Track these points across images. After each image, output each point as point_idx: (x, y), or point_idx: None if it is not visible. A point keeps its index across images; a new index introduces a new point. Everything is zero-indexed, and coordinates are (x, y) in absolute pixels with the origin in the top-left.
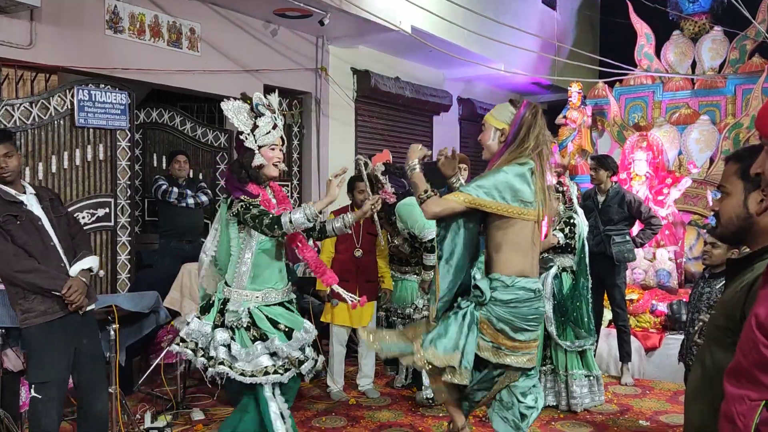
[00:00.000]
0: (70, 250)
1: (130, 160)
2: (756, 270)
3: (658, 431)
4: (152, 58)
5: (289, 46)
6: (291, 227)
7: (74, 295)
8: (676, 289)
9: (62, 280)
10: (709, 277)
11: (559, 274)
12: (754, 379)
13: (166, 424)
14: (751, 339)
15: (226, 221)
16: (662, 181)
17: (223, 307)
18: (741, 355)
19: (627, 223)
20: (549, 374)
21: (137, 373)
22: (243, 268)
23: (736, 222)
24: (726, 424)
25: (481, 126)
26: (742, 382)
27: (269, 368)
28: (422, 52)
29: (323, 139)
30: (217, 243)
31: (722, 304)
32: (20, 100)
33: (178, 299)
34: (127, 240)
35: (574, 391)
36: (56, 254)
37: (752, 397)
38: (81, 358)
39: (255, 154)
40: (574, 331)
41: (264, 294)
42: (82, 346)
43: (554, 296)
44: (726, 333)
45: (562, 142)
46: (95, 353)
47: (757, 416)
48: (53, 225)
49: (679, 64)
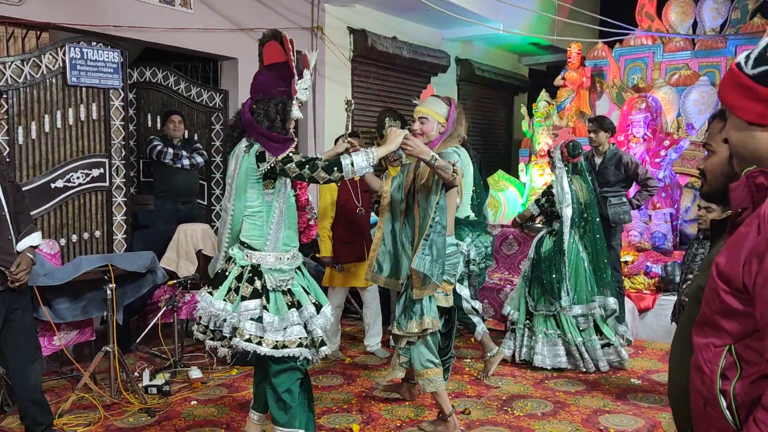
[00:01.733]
0: (15, 222)
1: (123, 120)
2: None
3: (650, 389)
4: (144, 15)
5: (284, 4)
6: (351, 171)
7: (21, 273)
8: (671, 251)
9: (11, 255)
10: (703, 238)
11: (545, 236)
12: (717, 326)
13: (165, 382)
14: (712, 288)
15: (247, 178)
16: (660, 143)
17: (253, 275)
18: (705, 305)
19: (624, 185)
20: (555, 337)
21: (135, 332)
22: (273, 227)
23: (721, 180)
24: (695, 373)
25: (421, 119)
26: (707, 330)
27: (303, 340)
28: (420, 11)
29: (319, 99)
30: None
31: (707, 263)
32: (11, 57)
33: (175, 260)
34: (122, 201)
35: (536, 347)
36: (5, 225)
37: (716, 344)
38: (12, 331)
39: (294, 105)
40: (544, 295)
41: (292, 254)
42: (16, 318)
43: (531, 258)
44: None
45: (560, 104)
46: (28, 325)
47: (722, 361)
48: (6, 192)
49: (680, 24)
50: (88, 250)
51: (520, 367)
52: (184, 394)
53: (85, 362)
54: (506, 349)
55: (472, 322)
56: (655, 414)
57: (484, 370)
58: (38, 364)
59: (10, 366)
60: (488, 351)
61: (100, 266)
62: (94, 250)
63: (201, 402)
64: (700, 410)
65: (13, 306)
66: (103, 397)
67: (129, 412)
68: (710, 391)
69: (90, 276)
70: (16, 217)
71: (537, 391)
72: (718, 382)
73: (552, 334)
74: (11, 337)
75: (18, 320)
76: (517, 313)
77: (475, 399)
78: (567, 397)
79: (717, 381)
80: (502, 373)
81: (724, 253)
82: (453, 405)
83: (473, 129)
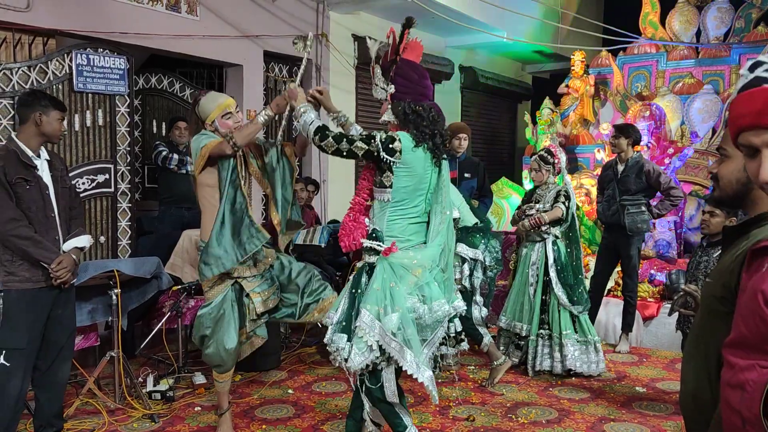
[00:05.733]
0: (65, 224)
1: (129, 125)
2: (752, 237)
3: (655, 397)
4: (151, 22)
5: (289, 11)
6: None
7: (62, 271)
8: (675, 259)
9: (54, 253)
10: (707, 246)
11: (556, 241)
12: (762, 350)
13: (168, 388)
14: (758, 314)
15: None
16: (664, 151)
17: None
18: (745, 328)
19: (645, 194)
20: (546, 339)
21: (139, 337)
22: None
23: (735, 186)
24: (732, 392)
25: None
26: (750, 352)
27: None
28: (424, 19)
29: None
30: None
31: (718, 272)
32: (18, 64)
33: (180, 265)
34: (127, 206)
35: (567, 350)
36: (54, 225)
37: (764, 365)
38: (54, 327)
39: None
40: (571, 297)
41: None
42: (57, 316)
43: (555, 262)
44: (722, 301)
45: (564, 112)
46: (69, 324)
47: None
48: (57, 196)
49: (683, 33)
50: (93, 255)
51: (524, 374)
52: (188, 399)
53: (89, 367)
54: (515, 358)
55: (480, 334)
56: (660, 422)
57: (490, 377)
58: (68, 364)
59: (41, 362)
60: (495, 360)
61: (106, 272)
62: (98, 255)
63: (205, 408)
64: (737, 428)
65: (58, 304)
66: (108, 402)
67: (133, 418)
68: (751, 411)
69: (95, 281)
70: (68, 220)
71: (542, 398)
72: (762, 403)
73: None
74: (53, 333)
75: (60, 318)
76: (528, 326)
77: (479, 406)
78: (572, 405)
79: (761, 401)
80: (506, 380)
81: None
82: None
83: (477, 136)
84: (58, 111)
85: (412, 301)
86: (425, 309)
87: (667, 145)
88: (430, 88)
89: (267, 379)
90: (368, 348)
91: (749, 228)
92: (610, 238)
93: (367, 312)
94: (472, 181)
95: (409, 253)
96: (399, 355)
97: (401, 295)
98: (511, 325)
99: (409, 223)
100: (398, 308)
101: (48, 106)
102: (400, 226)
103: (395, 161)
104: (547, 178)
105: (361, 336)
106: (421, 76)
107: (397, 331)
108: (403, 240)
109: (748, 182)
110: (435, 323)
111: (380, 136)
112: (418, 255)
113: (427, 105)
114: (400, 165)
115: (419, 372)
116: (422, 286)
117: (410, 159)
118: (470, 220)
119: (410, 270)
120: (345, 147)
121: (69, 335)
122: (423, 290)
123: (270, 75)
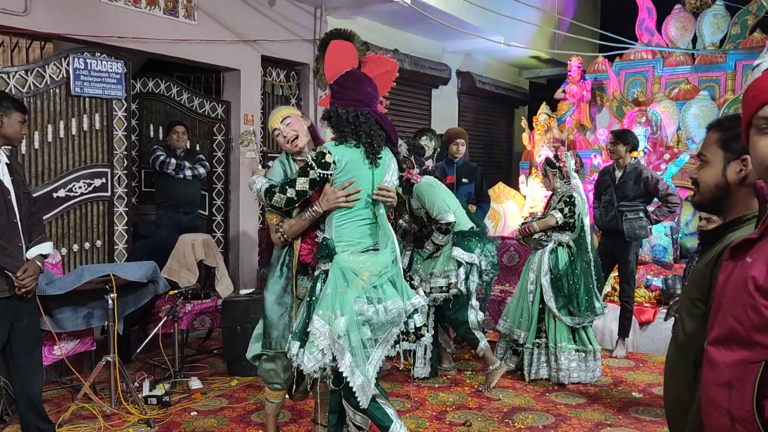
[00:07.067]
0: (27, 230)
1: (126, 130)
2: (725, 240)
3: (651, 403)
4: (148, 26)
5: (286, 16)
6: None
7: (28, 279)
8: (672, 264)
9: (19, 261)
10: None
11: (555, 249)
12: (752, 341)
13: (164, 393)
14: (747, 304)
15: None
16: (660, 156)
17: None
18: (734, 320)
19: (643, 200)
20: (543, 347)
21: (135, 342)
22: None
23: (714, 191)
24: (718, 390)
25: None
26: (734, 347)
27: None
28: (421, 24)
29: (321, 111)
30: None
31: (694, 275)
32: (15, 68)
33: (177, 269)
34: (123, 210)
35: (562, 363)
36: (17, 232)
37: (751, 360)
38: (18, 340)
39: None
40: (566, 307)
41: None
42: (20, 327)
43: (551, 271)
44: (695, 304)
45: (561, 117)
46: (34, 335)
47: (758, 377)
48: (19, 201)
49: (679, 39)
50: (89, 259)
51: (520, 379)
52: (184, 404)
53: (85, 372)
54: (512, 363)
55: (476, 338)
56: (657, 428)
57: (486, 382)
58: (40, 376)
59: (13, 374)
60: (491, 364)
61: (102, 276)
62: (95, 259)
63: (201, 413)
64: (725, 428)
65: (20, 314)
66: (103, 407)
67: (129, 423)
68: (742, 408)
69: (92, 285)
70: (29, 226)
71: (538, 403)
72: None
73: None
74: (16, 345)
75: (24, 329)
76: (526, 333)
77: (476, 411)
78: (568, 410)
79: (753, 398)
80: (503, 385)
81: (757, 267)
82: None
83: (474, 141)
84: (19, 113)
85: (360, 305)
86: (377, 309)
87: (664, 151)
88: (369, 95)
89: (263, 383)
90: (320, 352)
91: (724, 231)
92: (607, 243)
93: (318, 318)
94: (469, 186)
95: (359, 257)
96: (339, 356)
97: (349, 300)
98: (510, 330)
99: (356, 226)
100: (346, 312)
101: (10, 108)
102: (348, 230)
103: (333, 172)
104: (555, 183)
105: (312, 341)
106: (357, 83)
107: (343, 335)
108: (353, 243)
109: (727, 187)
110: (389, 323)
111: (310, 159)
112: (368, 261)
113: (353, 108)
114: (339, 174)
115: (353, 377)
116: (372, 288)
117: (345, 163)
118: (466, 225)
119: (359, 274)
120: (291, 191)
121: (34, 347)
122: (374, 292)
123: (267, 80)
